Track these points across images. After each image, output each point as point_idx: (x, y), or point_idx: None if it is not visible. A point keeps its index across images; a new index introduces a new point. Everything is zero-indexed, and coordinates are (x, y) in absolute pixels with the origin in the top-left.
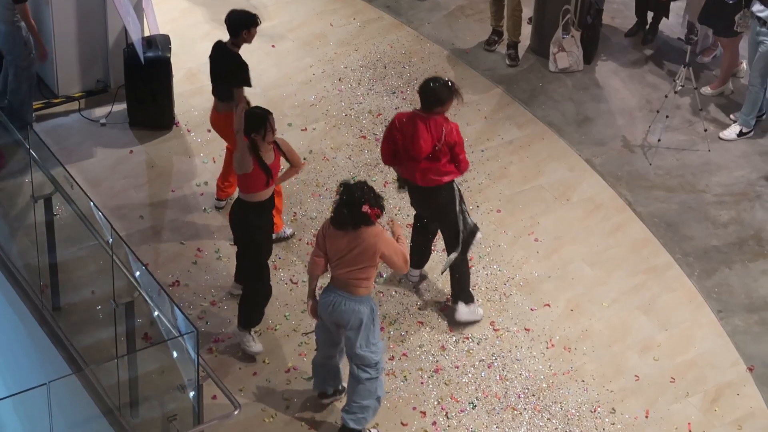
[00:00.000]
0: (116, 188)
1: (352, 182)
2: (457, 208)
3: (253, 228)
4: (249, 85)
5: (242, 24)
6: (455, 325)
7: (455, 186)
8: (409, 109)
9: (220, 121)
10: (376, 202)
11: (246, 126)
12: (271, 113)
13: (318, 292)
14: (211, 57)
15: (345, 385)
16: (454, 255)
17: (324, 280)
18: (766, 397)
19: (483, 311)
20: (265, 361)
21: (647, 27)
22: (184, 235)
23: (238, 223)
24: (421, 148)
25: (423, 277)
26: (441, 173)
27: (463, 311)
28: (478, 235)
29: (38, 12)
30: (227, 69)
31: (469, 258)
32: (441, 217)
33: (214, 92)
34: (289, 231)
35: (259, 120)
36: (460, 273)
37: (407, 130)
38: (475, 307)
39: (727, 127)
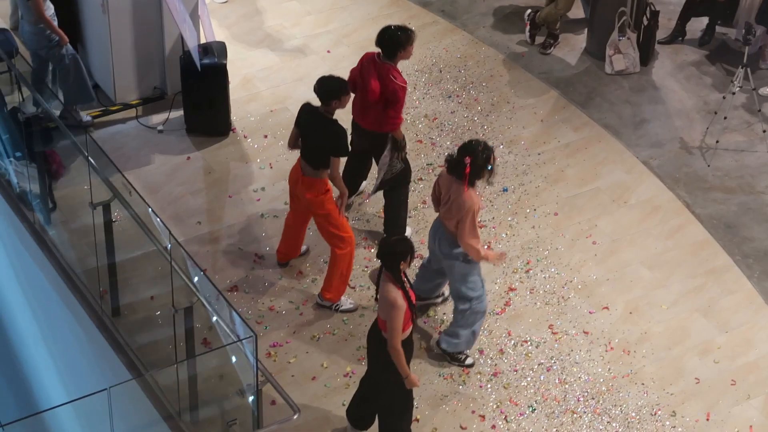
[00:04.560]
0: (174, 194)
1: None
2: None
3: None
4: (347, 154)
5: (337, 92)
6: (514, 328)
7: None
8: (465, 113)
9: (298, 181)
10: (480, 161)
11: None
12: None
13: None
14: (302, 122)
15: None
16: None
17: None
18: None
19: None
20: (323, 365)
21: (704, 29)
22: (242, 241)
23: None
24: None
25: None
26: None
27: None
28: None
29: (95, 20)
30: (324, 136)
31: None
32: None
33: (304, 155)
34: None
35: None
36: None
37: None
38: None
39: None
